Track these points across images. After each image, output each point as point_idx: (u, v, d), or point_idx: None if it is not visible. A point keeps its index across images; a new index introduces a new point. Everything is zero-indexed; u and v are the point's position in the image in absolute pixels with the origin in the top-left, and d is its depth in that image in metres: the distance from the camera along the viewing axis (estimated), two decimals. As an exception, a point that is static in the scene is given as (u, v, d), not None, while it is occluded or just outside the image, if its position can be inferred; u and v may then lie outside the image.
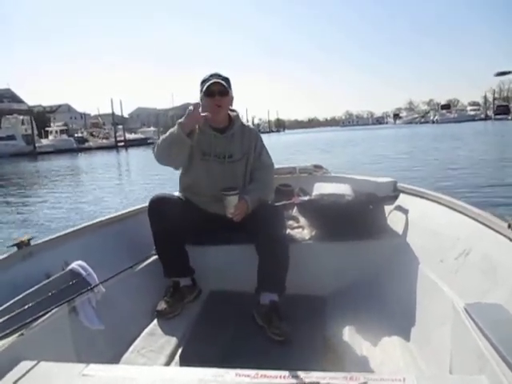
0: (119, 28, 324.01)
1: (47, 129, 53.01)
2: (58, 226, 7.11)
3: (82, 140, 51.22)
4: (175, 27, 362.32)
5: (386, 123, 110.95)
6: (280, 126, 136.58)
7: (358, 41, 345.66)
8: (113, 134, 53.36)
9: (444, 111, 77.40)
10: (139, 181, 14.98)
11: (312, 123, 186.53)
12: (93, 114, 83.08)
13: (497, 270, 1.48)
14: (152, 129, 62.69)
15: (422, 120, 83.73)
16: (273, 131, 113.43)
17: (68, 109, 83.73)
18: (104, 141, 52.95)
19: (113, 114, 55.63)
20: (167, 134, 2.13)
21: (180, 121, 2.07)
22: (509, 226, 1.55)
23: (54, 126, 54.55)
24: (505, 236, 1.56)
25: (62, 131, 52.55)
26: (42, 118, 61.64)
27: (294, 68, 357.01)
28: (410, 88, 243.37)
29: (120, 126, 55.58)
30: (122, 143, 50.66)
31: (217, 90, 2.13)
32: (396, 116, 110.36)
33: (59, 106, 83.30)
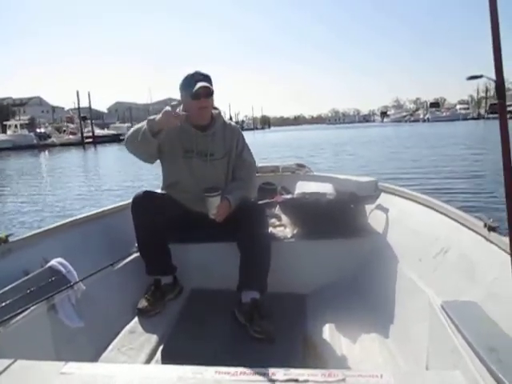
0: (115, 27, 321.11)
1: (5, 123, 48.21)
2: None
3: (44, 136, 45.72)
4: (164, 26, 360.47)
5: (373, 121, 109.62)
6: (265, 123, 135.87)
7: (344, 38, 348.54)
8: (83, 128, 47.52)
9: (433, 109, 76.34)
10: (100, 194, 10.87)
11: (298, 121, 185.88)
12: (68, 107, 74.45)
13: (473, 268, 1.52)
14: (126, 124, 57.47)
15: (412, 118, 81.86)
16: (257, 128, 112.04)
17: (39, 102, 78.71)
18: (71, 137, 47.75)
19: (78, 107, 48.71)
20: (138, 126, 2.09)
21: (151, 118, 2.03)
22: (485, 226, 1.58)
23: (13, 120, 49.67)
24: (481, 235, 1.60)
25: (22, 126, 47.54)
26: (6, 111, 56.83)
27: (280, 65, 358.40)
28: (396, 86, 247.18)
29: (90, 121, 49.83)
30: (91, 139, 45.55)
31: (203, 92, 2.12)
32: (383, 114, 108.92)
33: (30, 99, 78.32)
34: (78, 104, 48.46)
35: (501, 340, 1.08)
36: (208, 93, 2.14)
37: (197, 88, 2.09)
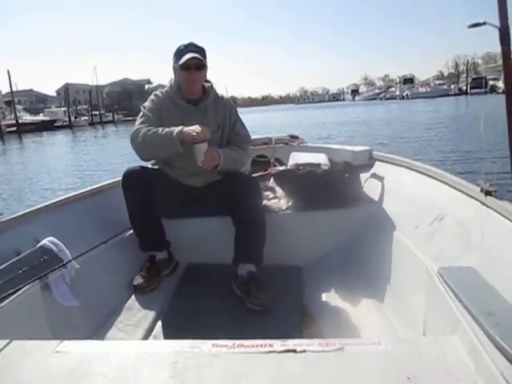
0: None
1: None
2: None
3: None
4: (116, 11, 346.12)
5: (343, 100, 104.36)
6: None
7: (310, 14, 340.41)
8: (9, 114, 40.31)
9: (408, 85, 72.84)
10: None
11: (266, 101, 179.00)
12: (5, 91, 56.16)
13: (470, 234, 1.51)
14: (62, 109, 48.28)
15: (387, 96, 76.53)
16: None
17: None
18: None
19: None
20: (160, 132, 2.02)
21: (180, 129, 2.00)
22: (481, 191, 1.57)
23: None
24: (478, 200, 1.58)
25: None
26: None
27: (245, 44, 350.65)
28: (363, 64, 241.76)
29: (13, 105, 40.48)
30: (14, 128, 37.73)
31: (193, 64, 2.08)
32: (355, 92, 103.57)
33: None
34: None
35: (498, 304, 1.07)
36: (199, 65, 2.10)
37: (186, 59, 2.03)
